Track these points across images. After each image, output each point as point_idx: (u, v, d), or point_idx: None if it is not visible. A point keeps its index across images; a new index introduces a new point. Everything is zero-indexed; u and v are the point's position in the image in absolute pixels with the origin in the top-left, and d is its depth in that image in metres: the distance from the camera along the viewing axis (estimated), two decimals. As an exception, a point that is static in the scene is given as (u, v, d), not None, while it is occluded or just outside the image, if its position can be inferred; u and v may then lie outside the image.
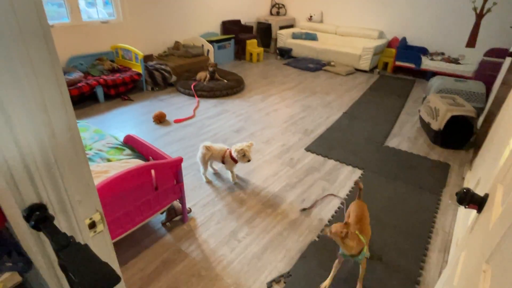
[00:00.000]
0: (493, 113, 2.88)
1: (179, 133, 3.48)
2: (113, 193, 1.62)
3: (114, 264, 0.83)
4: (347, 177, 2.81)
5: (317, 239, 2.11)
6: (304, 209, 2.38)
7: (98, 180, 1.68)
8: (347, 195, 2.56)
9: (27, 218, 0.60)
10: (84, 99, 4.15)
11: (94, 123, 3.56)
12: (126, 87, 4.37)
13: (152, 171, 1.84)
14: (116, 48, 4.75)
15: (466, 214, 1.98)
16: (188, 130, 3.58)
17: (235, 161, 2.51)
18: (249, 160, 2.47)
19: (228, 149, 2.57)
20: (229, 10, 6.68)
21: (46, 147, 0.59)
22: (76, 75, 3.88)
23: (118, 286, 0.86)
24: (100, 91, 4.12)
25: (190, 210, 2.31)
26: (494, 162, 1.78)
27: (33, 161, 0.58)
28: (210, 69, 4.76)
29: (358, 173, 2.87)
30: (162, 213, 2.15)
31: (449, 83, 4.06)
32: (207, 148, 2.56)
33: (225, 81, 4.82)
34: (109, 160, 2.13)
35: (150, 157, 2.19)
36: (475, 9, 5.36)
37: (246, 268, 1.88)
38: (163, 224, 2.19)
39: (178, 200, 2.14)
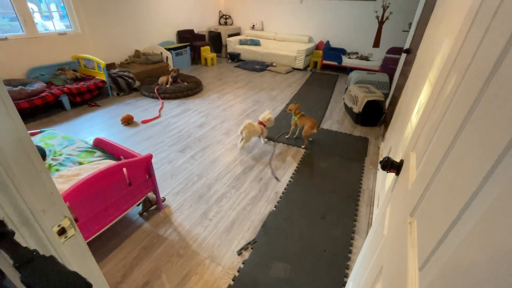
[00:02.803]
0: (396, 97, 3.13)
1: (147, 132, 3.23)
2: (87, 193, 1.43)
3: (90, 263, 0.71)
4: (293, 156, 2.87)
5: (274, 209, 2.13)
6: (276, 179, 2.48)
7: (70, 184, 1.48)
8: (295, 169, 2.61)
9: (-19, 237, 0.47)
10: (50, 108, 3.63)
11: (63, 130, 3.14)
12: (92, 94, 3.91)
13: (124, 169, 1.66)
14: (78, 58, 4.20)
15: (383, 176, 2.14)
16: (156, 129, 3.33)
17: (264, 125, 2.96)
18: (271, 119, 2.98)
19: (259, 122, 2.93)
20: (183, 20, 6.30)
21: (-8, 161, 0.46)
22: (38, 85, 3.35)
23: (97, 282, 0.75)
24: (65, 99, 3.63)
25: (164, 199, 2.16)
26: (400, 134, 1.94)
27: (-21, 178, 0.45)
28: (173, 74, 4.46)
29: (302, 151, 2.94)
30: (138, 205, 1.98)
31: (363, 76, 4.32)
32: (250, 124, 2.82)
33: (185, 83, 4.57)
34: (80, 163, 1.88)
35: (121, 157, 1.98)
36: (377, 17, 5.73)
37: (219, 241, 1.83)
38: (140, 214, 2.02)
39: (152, 192, 1.98)
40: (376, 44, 5.99)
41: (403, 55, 3.65)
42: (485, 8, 0.63)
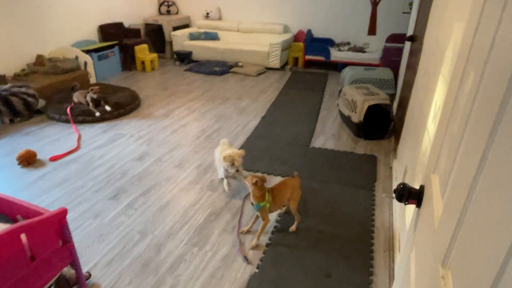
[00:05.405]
0: (405, 97, 3.33)
1: (59, 174, 3.07)
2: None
3: None
4: (278, 190, 2.87)
5: (257, 270, 2.07)
6: (242, 232, 2.39)
7: None
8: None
9: None
10: None
11: None
12: (-30, 124, 3.68)
13: (23, 236, 1.54)
14: None
15: (401, 206, 2.20)
16: (72, 167, 3.18)
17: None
18: (237, 170, 2.60)
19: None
20: (107, 11, 6.32)
21: None
22: None
23: None
24: None
25: (90, 275, 2.02)
26: (416, 147, 2.04)
27: None
28: (93, 95, 4.20)
29: (289, 183, 2.96)
30: (48, 288, 1.82)
31: (360, 73, 4.58)
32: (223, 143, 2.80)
33: (108, 108, 4.28)
34: (-50, 233, 1.71)
35: (18, 216, 1.84)
36: (369, -3, 6.22)
37: (177, 331, 1.72)
38: (52, 303, 1.86)
39: (69, 265, 1.84)
40: (372, 31, 6.44)
41: (407, 44, 3.95)
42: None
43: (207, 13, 7.42)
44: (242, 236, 2.37)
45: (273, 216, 2.55)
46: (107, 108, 4.28)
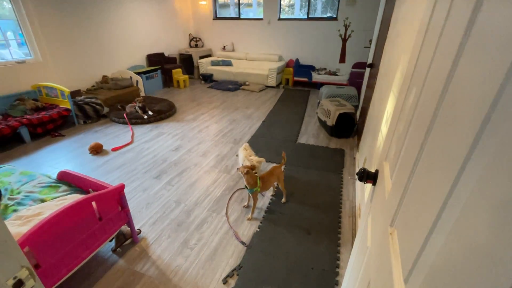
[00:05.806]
0: (365, 108, 3.31)
1: (118, 160, 3.09)
2: (50, 235, 1.31)
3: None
4: (273, 173, 2.87)
5: (258, 229, 2.09)
6: (244, 207, 2.35)
7: (30, 225, 1.34)
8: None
9: None
10: (6, 142, 3.36)
11: (22, 165, 2.90)
12: (55, 124, 3.70)
13: (93, 203, 1.55)
14: (39, 87, 3.99)
15: (361, 186, 2.20)
16: (127, 156, 3.20)
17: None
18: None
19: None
20: (152, 44, 6.30)
21: None
22: (-7, 118, 3.11)
23: None
24: (24, 131, 3.39)
25: (140, 231, 2.04)
26: (373, 143, 2.03)
27: None
28: (139, 104, 4.18)
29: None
30: (110, 240, 1.84)
31: (333, 90, 4.55)
32: (245, 148, 2.57)
33: (150, 112, 4.27)
34: (43, 201, 1.73)
35: (90, 189, 1.86)
36: (340, 35, 6.16)
37: (202, 271, 1.74)
38: (114, 251, 1.88)
39: (126, 224, 1.86)
40: (342, 59, 6.39)
41: (368, 69, 3.92)
42: (433, 25, 0.70)
43: (224, 46, 7.38)
44: (234, 226, 2.20)
45: (269, 191, 2.55)
46: (150, 112, 4.28)
